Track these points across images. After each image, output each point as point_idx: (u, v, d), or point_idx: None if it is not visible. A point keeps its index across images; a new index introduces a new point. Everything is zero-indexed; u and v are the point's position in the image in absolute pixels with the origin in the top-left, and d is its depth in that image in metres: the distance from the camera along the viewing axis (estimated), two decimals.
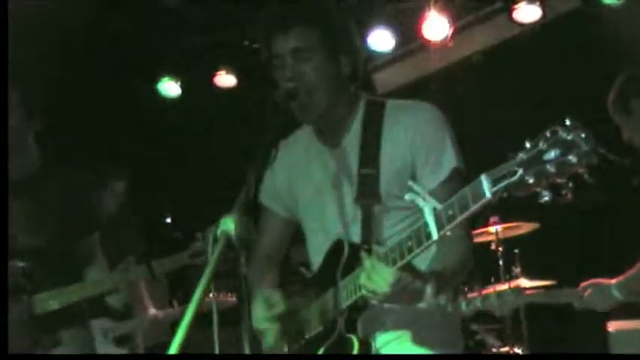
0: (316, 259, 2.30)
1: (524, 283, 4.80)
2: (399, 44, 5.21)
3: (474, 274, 2.79)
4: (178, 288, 5.14)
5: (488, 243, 4.91)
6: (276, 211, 2.46)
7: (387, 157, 2.20)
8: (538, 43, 5.19)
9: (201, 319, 1.59)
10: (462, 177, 2.15)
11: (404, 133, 2.19)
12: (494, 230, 4.83)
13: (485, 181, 1.63)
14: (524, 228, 4.94)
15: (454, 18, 5.03)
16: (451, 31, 5.01)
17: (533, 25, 4.99)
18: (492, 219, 4.82)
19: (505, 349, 4.87)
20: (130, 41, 5.22)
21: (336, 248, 2.18)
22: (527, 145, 1.57)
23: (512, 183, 1.58)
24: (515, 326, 4.91)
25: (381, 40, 5.09)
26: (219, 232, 1.70)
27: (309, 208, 2.35)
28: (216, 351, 1.73)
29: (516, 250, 4.86)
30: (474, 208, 1.67)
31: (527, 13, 4.92)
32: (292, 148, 2.40)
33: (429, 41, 5.06)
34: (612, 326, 3.91)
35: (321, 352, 2.13)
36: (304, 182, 2.36)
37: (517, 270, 4.82)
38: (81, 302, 3.12)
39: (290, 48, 2.18)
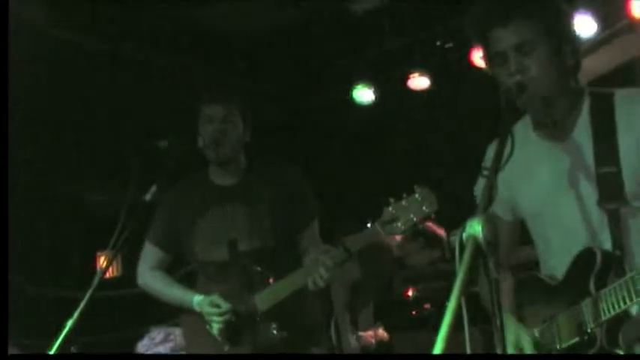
0: (555, 264, 2.18)
1: None
2: (603, 27, 4.88)
3: None
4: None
5: None
6: (499, 215, 2.34)
7: (627, 152, 2.03)
8: None
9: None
10: None
11: None
12: None
13: None
14: None
15: None
16: None
17: None
18: None
19: None
20: (326, 48, 5.33)
21: (585, 256, 2.05)
22: None
23: None
24: None
25: (582, 25, 4.80)
26: (465, 235, 1.64)
27: (540, 209, 2.23)
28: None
29: None
30: None
31: None
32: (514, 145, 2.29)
33: (637, 19, 4.70)
34: None
35: None
36: (527, 181, 2.24)
37: None
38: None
39: (512, 43, 2.11)
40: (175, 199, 3.36)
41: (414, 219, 2.79)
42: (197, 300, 3.18)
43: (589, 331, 2.00)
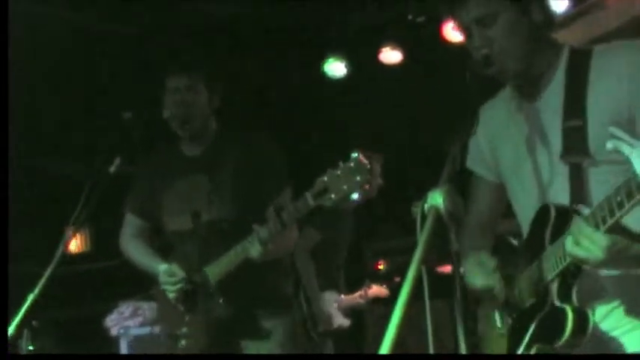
0: (524, 225, 2.18)
1: None
2: (574, 3, 4.89)
3: None
4: None
5: None
6: (483, 175, 2.37)
7: (596, 106, 2.00)
8: None
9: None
10: None
11: (616, 77, 1.97)
12: None
13: None
14: None
15: None
16: None
17: None
18: None
19: None
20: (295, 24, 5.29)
21: (543, 212, 2.04)
22: None
23: None
24: None
25: (554, 1, 4.81)
26: (427, 206, 1.64)
27: (510, 170, 2.24)
28: (429, 325, 1.66)
29: None
30: None
31: None
32: (493, 109, 2.30)
33: None
34: None
35: (533, 325, 2.02)
36: (504, 142, 2.25)
37: None
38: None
39: (473, 17, 2.10)
40: (149, 169, 3.43)
41: (346, 189, 2.71)
42: (162, 269, 3.22)
43: (540, 288, 2.00)
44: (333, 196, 2.73)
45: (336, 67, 5.62)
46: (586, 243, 1.75)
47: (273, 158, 3.27)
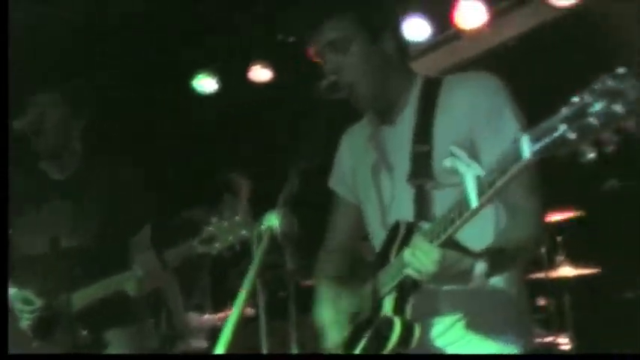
0: (376, 243, 2.26)
1: (567, 271, 4.74)
2: (434, 32, 5.15)
3: None
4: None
5: None
6: (343, 196, 2.45)
7: (442, 132, 2.13)
8: (575, 27, 5.10)
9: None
10: None
11: (459, 106, 2.11)
12: None
13: (525, 140, 1.51)
14: (568, 214, 4.86)
15: (489, 3, 4.96)
16: (486, 17, 4.95)
17: (569, 8, 4.90)
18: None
19: (549, 338, 4.81)
20: (166, 37, 5.25)
21: (393, 229, 2.13)
22: (573, 99, 1.42)
23: (553, 141, 1.43)
24: (560, 316, 4.85)
25: (415, 28, 5.04)
26: (263, 228, 1.70)
27: (365, 192, 2.33)
28: (264, 349, 1.73)
29: (559, 238, 4.79)
30: (514, 170, 1.56)
31: None
32: (354, 134, 2.40)
33: (464, 28, 5.01)
34: None
35: (366, 336, 2.09)
36: (361, 165, 2.34)
37: (560, 258, 4.75)
38: (131, 301, 3.09)
39: (325, 42, 2.17)
40: (18, 190, 3.24)
41: (232, 239, 2.90)
42: (12, 293, 3.08)
43: (378, 300, 2.08)
44: (218, 245, 2.90)
45: (206, 83, 5.62)
46: (420, 255, 1.82)
47: (138, 195, 3.26)
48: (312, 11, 2.19)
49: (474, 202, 1.67)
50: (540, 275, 4.68)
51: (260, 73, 5.53)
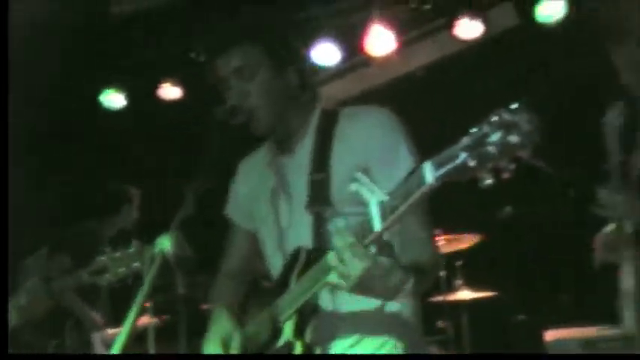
0: (275, 270, 2.29)
1: (465, 294, 4.89)
2: (344, 58, 5.25)
3: None
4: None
5: None
6: (239, 224, 2.47)
7: (338, 161, 2.19)
8: (480, 59, 5.31)
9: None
10: None
11: (355, 138, 2.18)
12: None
13: (427, 166, 1.60)
14: (467, 240, 5.02)
15: (398, 33, 5.10)
16: (395, 46, 5.09)
17: (475, 41, 5.10)
18: (436, 231, 4.89)
19: None
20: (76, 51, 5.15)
21: (294, 256, 2.16)
22: (473, 129, 1.54)
23: (455, 167, 1.54)
24: (457, 337, 4.99)
25: (325, 53, 5.13)
26: (155, 250, 1.70)
27: (263, 220, 2.35)
28: None
29: (458, 263, 4.94)
30: (417, 195, 1.64)
31: (469, 30, 5.01)
32: (252, 161, 2.43)
33: (373, 56, 5.13)
34: (549, 335, 4.01)
35: None
36: (259, 193, 2.37)
37: (459, 282, 4.90)
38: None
39: (232, 68, 2.20)
40: None
41: (123, 271, 2.89)
42: None
43: (278, 325, 2.10)
44: (109, 276, 2.89)
45: (114, 98, 5.54)
46: (349, 259, 1.79)
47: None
48: (224, 36, 2.22)
49: (377, 226, 1.72)
50: (439, 298, 4.81)
51: (169, 91, 5.48)
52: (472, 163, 1.51)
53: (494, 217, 4.76)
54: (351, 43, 5.13)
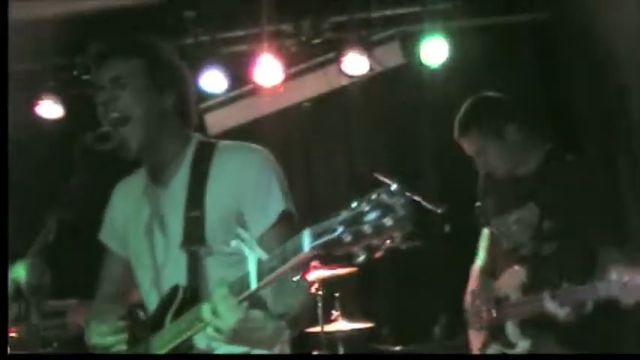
0: (149, 301, 2.26)
1: (343, 325, 4.94)
2: (232, 87, 5.26)
3: None
4: None
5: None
6: (114, 250, 2.41)
7: (213, 200, 2.18)
8: (365, 95, 5.45)
9: None
10: (292, 219, 2.17)
11: (229, 176, 2.18)
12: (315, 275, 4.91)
13: (306, 235, 1.65)
14: (342, 272, 5.06)
15: (287, 64, 5.16)
16: (283, 77, 5.15)
17: (360, 77, 5.23)
18: (313, 263, 4.92)
19: None
20: None
21: (170, 293, 2.14)
22: (353, 204, 1.59)
23: (331, 240, 1.59)
24: None
25: (213, 81, 5.12)
26: (10, 278, 1.63)
27: (137, 251, 2.31)
28: None
29: (336, 294, 4.99)
30: (293, 261, 1.69)
31: (355, 65, 5.13)
32: (127, 187, 2.38)
33: (261, 86, 5.16)
34: None
35: None
36: (133, 221, 2.32)
37: (337, 313, 4.94)
38: None
39: (110, 77, 2.19)
40: None
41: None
42: None
43: None
44: None
45: None
46: (224, 311, 1.84)
47: None
48: (109, 46, 2.22)
49: (253, 283, 1.77)
50: (317, 329, 4.84)
51: (49, 109, 5.30)
52: (347, 239, 1.56)
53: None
54: (240, 71, 5.15)
